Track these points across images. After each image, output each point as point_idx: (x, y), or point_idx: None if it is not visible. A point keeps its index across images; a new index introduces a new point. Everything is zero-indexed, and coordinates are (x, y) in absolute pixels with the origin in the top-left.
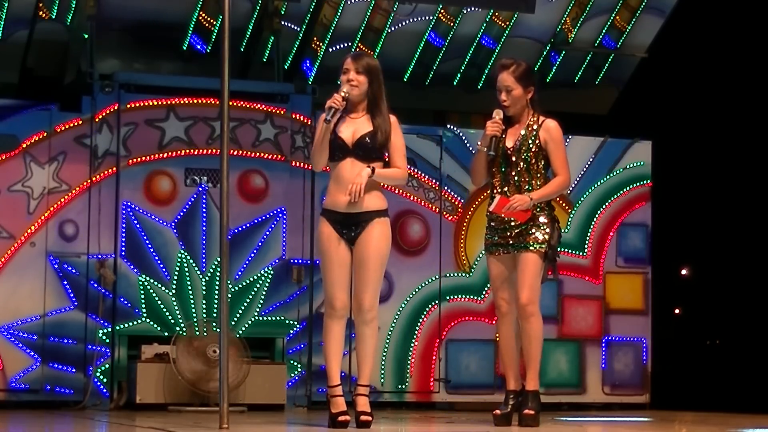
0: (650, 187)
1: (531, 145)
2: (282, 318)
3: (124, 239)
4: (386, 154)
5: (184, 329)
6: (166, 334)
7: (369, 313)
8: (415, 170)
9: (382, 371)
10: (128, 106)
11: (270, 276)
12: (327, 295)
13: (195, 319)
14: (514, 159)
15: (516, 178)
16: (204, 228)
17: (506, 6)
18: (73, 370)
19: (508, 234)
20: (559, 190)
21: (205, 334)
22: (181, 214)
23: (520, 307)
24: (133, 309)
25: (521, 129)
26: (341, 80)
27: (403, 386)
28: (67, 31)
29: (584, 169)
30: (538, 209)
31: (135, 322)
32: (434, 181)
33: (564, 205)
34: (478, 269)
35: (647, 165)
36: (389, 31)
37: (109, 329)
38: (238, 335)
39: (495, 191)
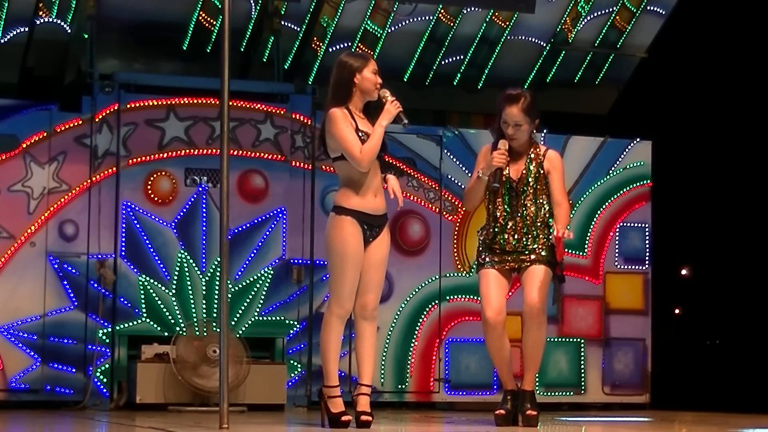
0: (650, 187)
1: (538, 176)
2: (282, 318)
3: (124, 239)
4: None
5: (184, 329)
6: (166, 334)
7: (373, 312)
8: (415, 170)
9: (382, 371)
10: (128, 106)
11: (270, 276)
12: (339, 296)
13: (195, 319)
14: (521, 190)
15: (523, 210)
16: (204, 228)
17: (506, 6)
18: (73, 370)
19: (513, 258)
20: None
21: (205, 334)
22: (181, 214)
23: (536, 312)
24: (133, 309)
25: (525, 161)
26: (372, 81)
27: (403, 386)
28: (67, 31)
29: (584, 169)
30: (545, 241)
31: (135, 322)
32: (434, 181)
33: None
34: None
35: (647, 165)
36: (389, 31)
37: (109, 329)
38: (238, 335)
39: (497, 223)
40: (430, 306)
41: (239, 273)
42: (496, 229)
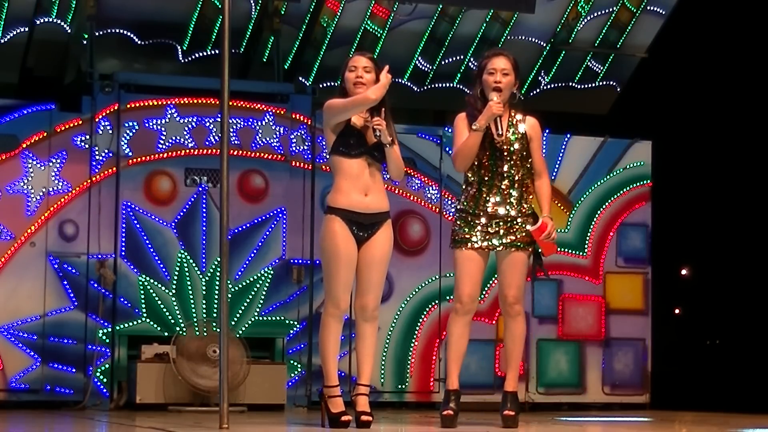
0: (650, 187)
1: (521, 139)
2: (282, 318)
3: (124, 239)
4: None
5: (184, 329)
6: (166, 334)
7: (373, 312)
8: (415, 170)
9: (382, 371)
10: (128, 106)
11: (270, 276)
12: (332, 295)
13: (195, 319)
14: (505, 154)
15: (508, 172)
16: (204, 228)
17: (506, 6)
18: (73, 370)
19: (495, 231)
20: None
21: (205, 334)
22: (181, 214)
23: (509, 306)
24: (133, 309)
25: (506, 123)
26: (349, 78)
27: (403, 386)
28: (67, 31)
29: (584, 169)
30: (527, 209)
31: (135, 322)
32: (434, 181)
33: (562, 206)
34: None
35: (647, 165)
36: (389, 31)
37: (109, 329)
38: (238, 335)
39: (483, 186)
40: (430, 306)
41: (239, 273)
42: (483, 192)
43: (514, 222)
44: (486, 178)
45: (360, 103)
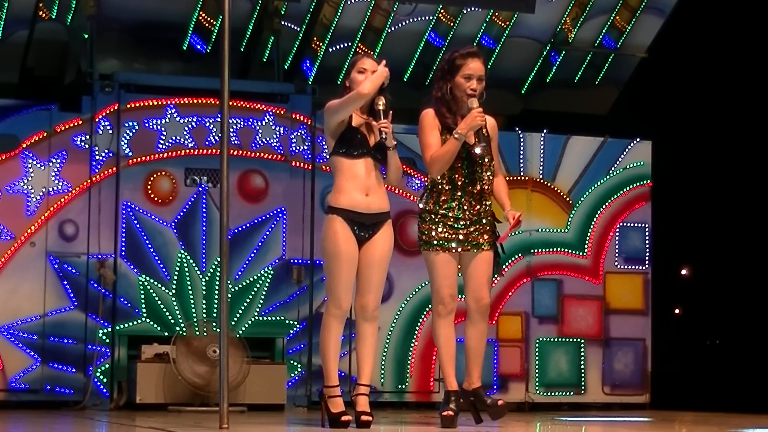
0: (650, 187)
1: (488, 140)
2: (282, 318)
3: (124, 239)
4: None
5: (184, 329)
6: (166, 334)
7: (373, 312)
8: (415, 170)
9: (382, 371)
10: (128, 106)
11: (270, 276)
12: (334, 295)
13: (195, 319)
14: (477, 158)
15: (479, 175)
16: (204, 228)
17: (506, 6)
18: (73, 370)
19: (466, 230)
20: None
21: (205, 334)
22: (181, 214)
23: (485, 306)
24: (133, 309)
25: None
26: (357, 81)
27: (403, 386)
28: (67, 31)
29: (584, 169)
30: (489, 208)
31: (135, 322)
32: None
33: (567, 202)
34: None
35: (647, 165)
36: (389, 31)
37: (109, 329)
38: (238, 335)
39: (456, 191)
40: (430, 306)
41: (239, 273)
42: (458, 197)
43: (480, 222)
44: (459, 183)
45: (354, 100)
